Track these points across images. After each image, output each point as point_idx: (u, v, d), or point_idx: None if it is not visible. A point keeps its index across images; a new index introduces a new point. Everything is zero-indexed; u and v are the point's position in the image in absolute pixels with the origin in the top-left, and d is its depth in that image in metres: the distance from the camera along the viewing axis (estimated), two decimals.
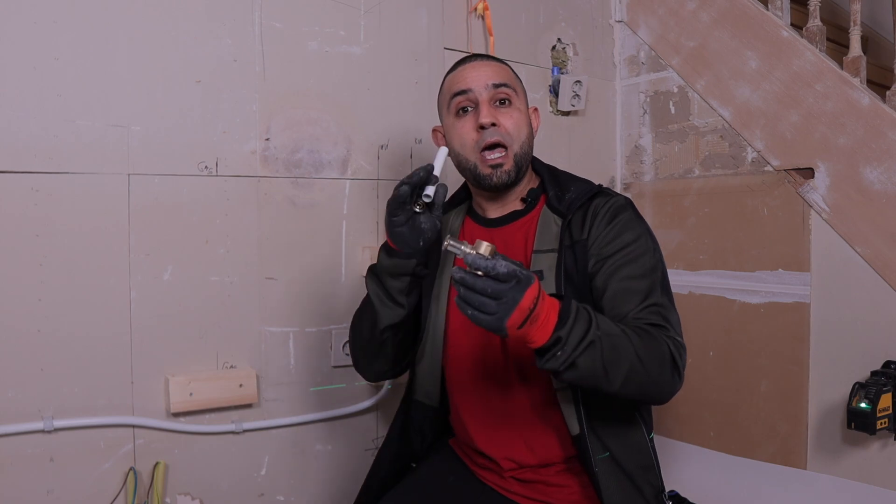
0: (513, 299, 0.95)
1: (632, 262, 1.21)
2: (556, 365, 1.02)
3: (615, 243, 1.22)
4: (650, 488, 1.23)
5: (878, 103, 1.66)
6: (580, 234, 1.24)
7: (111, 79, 1.44)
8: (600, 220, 1.24)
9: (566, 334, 1.01)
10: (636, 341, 1.08)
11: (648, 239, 1.25)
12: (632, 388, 1.09)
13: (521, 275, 0.96)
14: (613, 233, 1.23)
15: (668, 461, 1.82)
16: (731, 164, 1.97)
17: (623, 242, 1.22)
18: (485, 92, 1.27)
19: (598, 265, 1.21)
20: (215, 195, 1.56)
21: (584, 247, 1.23)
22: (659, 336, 1.13)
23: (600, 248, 1.22)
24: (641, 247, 1.23)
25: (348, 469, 1.76)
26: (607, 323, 1.08)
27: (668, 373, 1.12)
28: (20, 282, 1.36)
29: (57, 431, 1.39)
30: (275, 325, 1.64)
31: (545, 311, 1.00)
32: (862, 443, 1.68)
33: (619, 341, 1.06)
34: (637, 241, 1.23)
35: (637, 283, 1.19)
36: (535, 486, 1.26)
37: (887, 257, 1.65)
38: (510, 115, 1.27)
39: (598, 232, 1.23)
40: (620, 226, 1.23)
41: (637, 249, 1.22)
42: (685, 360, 1.16)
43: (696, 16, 2.02)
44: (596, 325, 1.04)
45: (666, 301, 1.20)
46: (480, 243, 0.96)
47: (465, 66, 1.31)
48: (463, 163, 1.31)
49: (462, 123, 1.29)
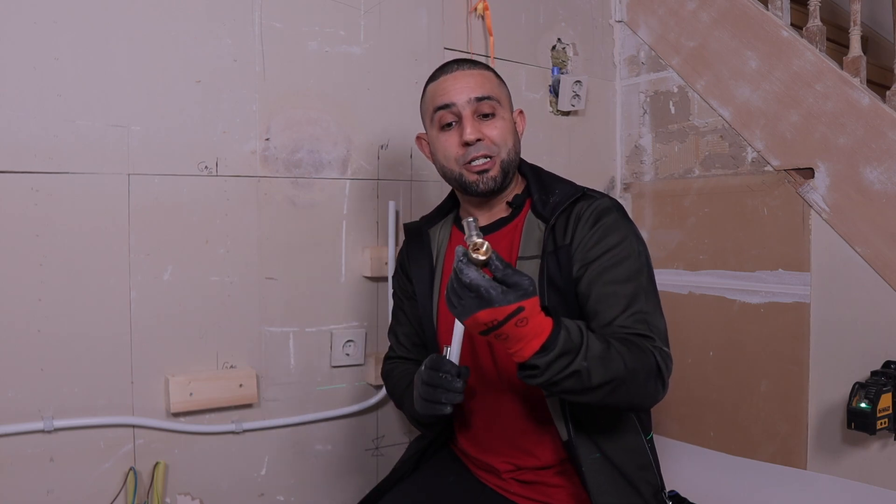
0: (468, 307, 0.95)
1: (616, 265, 1.18)
2: (534, 383, 1.02)
3: (599, 247, 1.19)
4: (648, 487, 1.23)
5: (878, 103, 1.66)
6: (563, 240, 1.22)
7: (111, 79, 1.44)
8: (584, 223, 1.21)
9: (544, 365, 1.00)
10: (626, 357, 1.07)
11: (633, 241, 1.22)
12: (615, 400, 1.09)
13: (486, 294, 0.94)
14: (597, 236, 1.20)
15: (668, 461, 1.82)
16: (731, 164, 1.97)
17: (607, 245, 1.19)
18: (468, 107, 1.24)
19: (582, 269, 1.19)
20: (215, 195, 1.56)
21: (567, 252, 1.21)
22: (646, 347, 1.11)
23: (584, 253, 1.20)
24: (626, 249, 1.20)
25: (348, 469, 1.76)
26: (596, 345, 1.05)
27: (652, 384, 1.11)
28: (20, 282, 1.37)
29: (57, 431, 1.40)
30: (275, 325, 1.64)
31: (522, 334, 0.97)
32: (862, 443, 1.68)
33: (608, 362, 1.05)
34: (621, 244, 1.20)
35: (621, 288, 1.17)
36: (536, 487, 1.26)
37: (887, 257, 1.65)
38: (495, 126, 1.25)
39: (581, 235, 1.21)
40: (604, 229, 1.20)
41: (621, 252, 1.19)
42: (671, 368, 1.15)
43: (696, 16, 2.02)
44: (584, 354, 1.02)
45: (651, 307, 1.18)
46: (483, 244, 0.96)
47: (447, 77, 1.28)
48: (448, 173, 1.29)
49: (446, 137, 1.27)
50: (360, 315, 1.76)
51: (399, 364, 1.46)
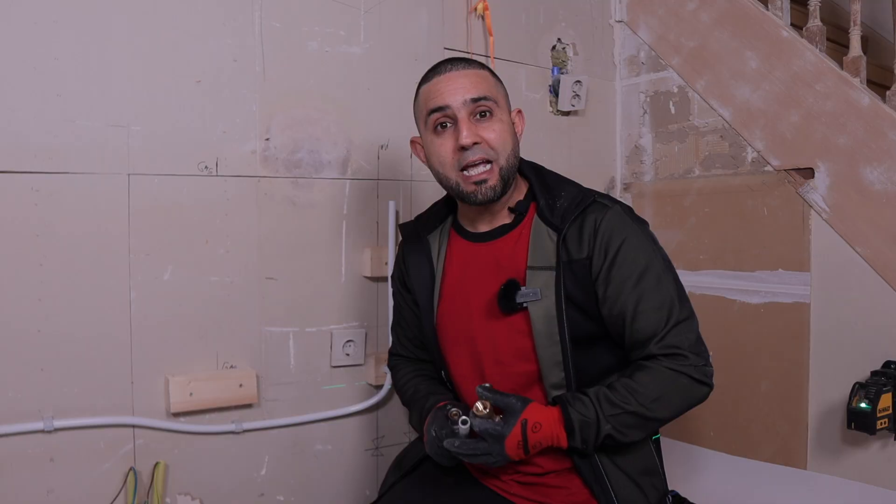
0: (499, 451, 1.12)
1: (640, 281, 1.17)
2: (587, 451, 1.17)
3: (622, 269, 1.17)
4: (654, 492, 1.23)
5: (878, 103, 1.66)
6: (578, 253, 1.18)
7: (111, 79, 1.44)
8: (601, 242, 1.18)
9: (580, 443, 1.13)
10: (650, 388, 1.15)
11: (652, 248, 1.21)
12: (661, 419, 1.18)
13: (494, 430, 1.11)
14: (620, 257, 1.17)
15: (668, 461, 1.81)
16: (731, 164, 1.97)
17: (630, 266, 1.17)
18: (463, 109, 1.18)
19: (608, 291, 1.18)
20: (215, 195, 1.56)
21: (584, 267, 1.18)
22: (677, 368, 1.16)
23: (607, 274, 1.17)
24: (647, 260, 1.19)
25: (348, 469, 1.76)
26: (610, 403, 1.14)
27: (692, 394, 1.19)
28: (20, 282, 1.37)
29: (57, 431, 1.40)
30: (275, 325, 1.64)
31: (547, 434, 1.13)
32: (862, 443, 1.68)
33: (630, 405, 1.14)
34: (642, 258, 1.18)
35: (651, 302, 1.17)
36: (536, 488, 1.25)
37: (887, 257, 1.65)
38: (492, 128, 1.19)
39: (600, 255, 1.18)
40: (624, 247, 1.18)
41: (645, 266, 1.18)
42: (710, 369, 1.20)
43: (697, 16, 2.02)
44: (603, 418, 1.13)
45: (685, 313, 1.19)
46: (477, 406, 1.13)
47: (440, 78, 1.22)
48: (444, 180, 1.24)
49: (441, 141, 1.21)
50: (360, 315, 1.76)
51: (402, 364, 1.46)
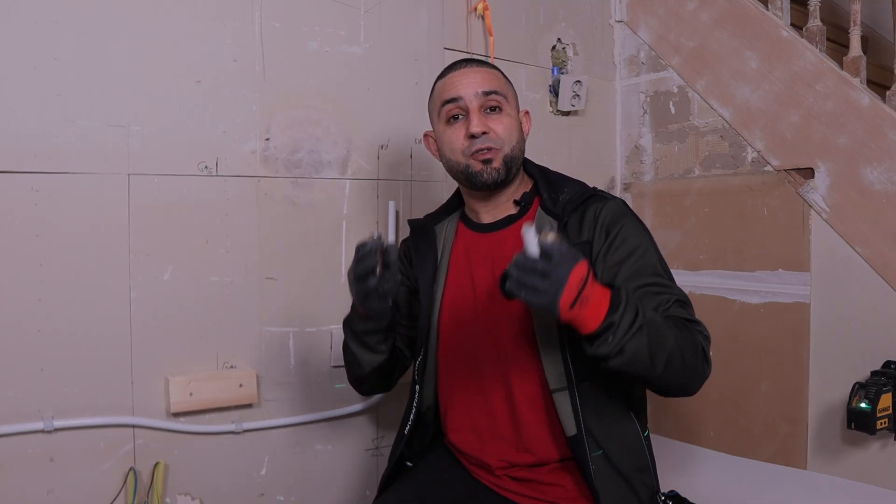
0: (560, 277, 1.00)
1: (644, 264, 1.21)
2: (607, 350, 1.05)
3: (622, 249, 1.22)
4: (645, 490, 1.24)
5: (878, 103, 1.66)
6: (578, 237, 1.24)
7: (111, 79, 1.44)
8: (601, 226, 1.24)
9: (618, 319, 1.04)
10: (674, 330, 1.12)
11: (649, 240, 1.26)
12: (671, 374, 1.11)
13: (569, 253, 1.01)
14: (619, 239, 1.22)
15: (668, 461, 1.82)
16: (731, 164, 1.97)
17: (630, 247, 1.22)
18: (475, 100, 1.27)
19: (609, 273, 1.21)
20: (215, 195, 1.56)
21: (584, 250, 1.23)
22: (691, 328, 1.17)
23: (609, 255, 1.22)
24: (647, 248, 1.24)
25: (348, 469, 1.76)
26: (650, 311, 1.11)
27: (700, 361, 1.16)
28: (20, 282, 1.36)
29: (57, 431, 1.39)
30: (275, 325, 1.64)
31: (596, 295, 1.04)
32: (862, 443, 1.68)
33: (662, 328, 1.10)
34: (642, 245, 1.23)
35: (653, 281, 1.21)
36: (530, 485, 1.26)
37: (887, 257, 1.65)
38: (500, 121, 1.28)
39: (601, 239, 1.23)
40: (625, 231, 1.23)
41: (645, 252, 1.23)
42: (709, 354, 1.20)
43: (697, 16, 2.02)
44: (643, 312, 1.07)
45: (682, 293, 1.22)
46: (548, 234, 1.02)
47: (455, 73, 1.31)
48: (454, 166, 1.31)
49: (453, 130, 1.29)
50: None
51: None
